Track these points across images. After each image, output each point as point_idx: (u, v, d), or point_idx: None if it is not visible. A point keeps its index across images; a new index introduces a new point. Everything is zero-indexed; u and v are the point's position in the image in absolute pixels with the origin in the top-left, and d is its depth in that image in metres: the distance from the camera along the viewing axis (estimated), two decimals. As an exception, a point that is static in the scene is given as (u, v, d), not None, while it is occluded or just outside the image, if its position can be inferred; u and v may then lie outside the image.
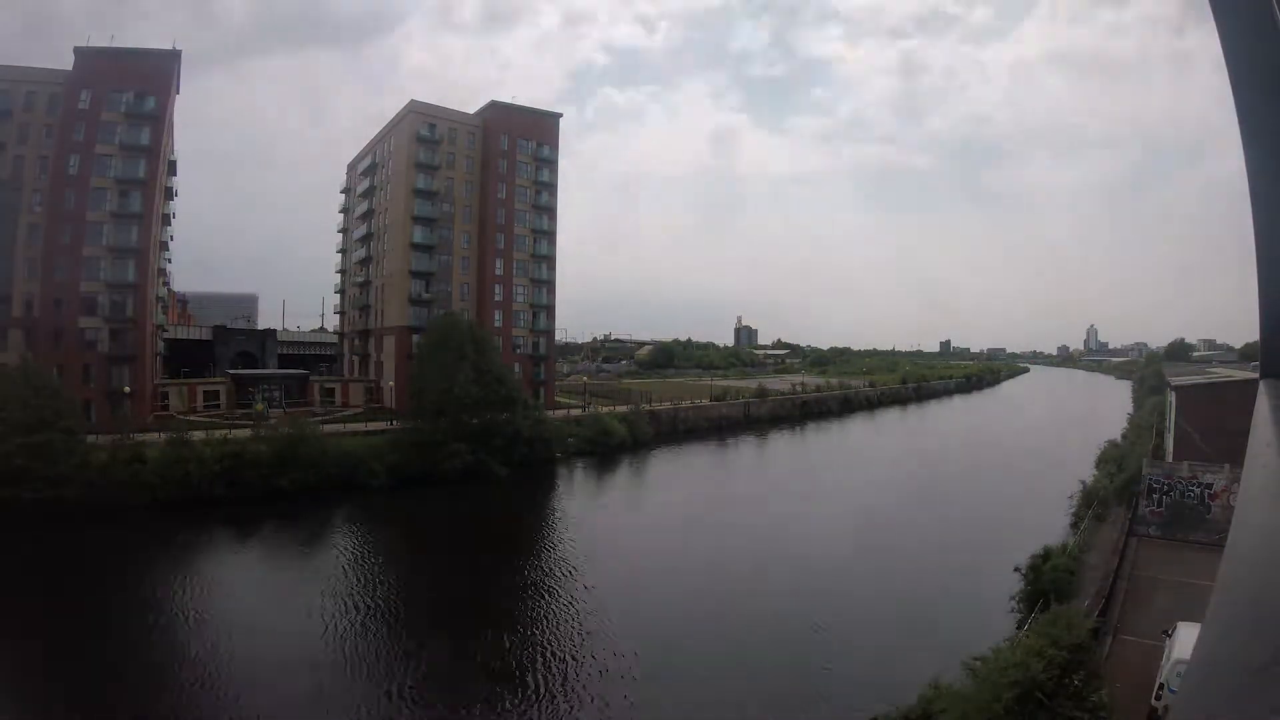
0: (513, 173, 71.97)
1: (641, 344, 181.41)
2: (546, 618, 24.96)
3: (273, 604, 26.69)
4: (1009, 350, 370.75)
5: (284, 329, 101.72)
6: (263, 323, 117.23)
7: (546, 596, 27.15)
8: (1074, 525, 31.67)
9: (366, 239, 77.05)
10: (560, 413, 63.85)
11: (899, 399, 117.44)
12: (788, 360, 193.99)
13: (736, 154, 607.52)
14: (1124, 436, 55.43)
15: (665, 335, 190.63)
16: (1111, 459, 43.20)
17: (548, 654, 21.90)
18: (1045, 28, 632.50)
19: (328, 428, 48.01)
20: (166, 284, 67.68)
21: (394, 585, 29.22)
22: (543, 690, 19.62)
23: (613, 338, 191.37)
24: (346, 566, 31.33)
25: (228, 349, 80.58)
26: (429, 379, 48.07)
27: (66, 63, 54.83)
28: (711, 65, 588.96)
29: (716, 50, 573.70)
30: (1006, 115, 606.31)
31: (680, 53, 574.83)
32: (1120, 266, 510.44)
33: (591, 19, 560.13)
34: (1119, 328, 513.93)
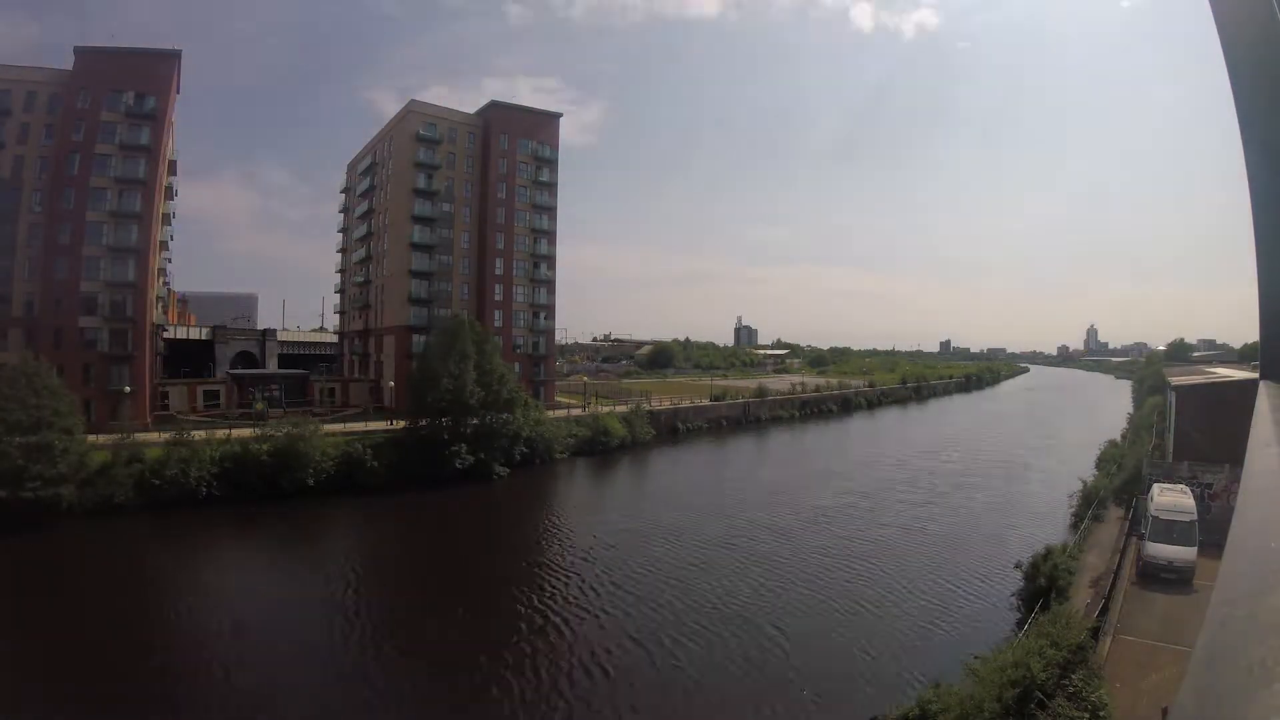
0: (513, 173, 71.98)
1: (641, 344, 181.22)
2: (547, 617, 24.93)
3: (273, 604, 26.66)
4: (1009, 350, 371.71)
5: (284, 329, 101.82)
6: (262, 323, 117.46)
7: (547, 596, 27.13)
8: (1074, 525, 31.70)
9: (366, 239, 77.05)
10: (560, 412, 63.80)
11: (899, 398, 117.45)
12: (787, 360, 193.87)
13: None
14: (1124, 436, 55.45)
15: (665, 335, 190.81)
16: (1111, 459, 43.23)
17: (549, 654, 21.87)
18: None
19: (328, 427, 47.99)
20: (167, 284, 67.67)
21: (395, 585, 29.28)
22: (544, 689, 19.60)
23: (613, 338, 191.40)
24: (347, 567, 31.34)
25: (228, 349, 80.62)
26: (433, 380, 48.05)
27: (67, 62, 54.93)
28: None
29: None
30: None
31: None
32: (1120, 266, 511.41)
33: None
34: (1119, 328, 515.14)
